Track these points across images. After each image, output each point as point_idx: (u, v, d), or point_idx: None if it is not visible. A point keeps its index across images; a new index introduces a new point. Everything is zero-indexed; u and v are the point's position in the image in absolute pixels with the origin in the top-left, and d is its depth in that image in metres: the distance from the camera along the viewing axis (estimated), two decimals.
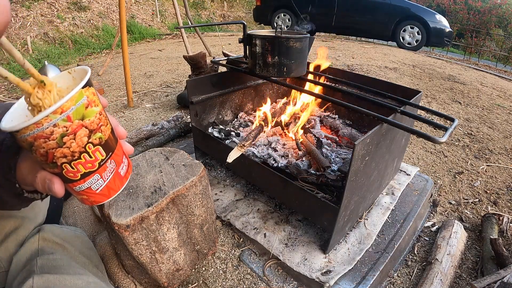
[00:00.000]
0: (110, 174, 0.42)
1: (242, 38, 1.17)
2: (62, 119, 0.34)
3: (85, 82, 0.36)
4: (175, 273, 0.88)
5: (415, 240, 1.22)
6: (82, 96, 0.36)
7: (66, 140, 0.35)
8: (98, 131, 0.38)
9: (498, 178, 1.68)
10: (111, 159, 0.41)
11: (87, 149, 0.37)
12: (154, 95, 2.70)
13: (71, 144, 0.36)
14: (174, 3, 2.92)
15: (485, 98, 2.91)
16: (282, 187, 1.05)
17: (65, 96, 0.34)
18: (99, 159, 0.39)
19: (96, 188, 0.41)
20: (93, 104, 0.37)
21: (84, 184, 0.40)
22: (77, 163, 0.37)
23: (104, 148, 0.40)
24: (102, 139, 0.39)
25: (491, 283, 0.92)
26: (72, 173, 0.38)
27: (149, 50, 4.72)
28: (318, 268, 0.94)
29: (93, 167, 0.39)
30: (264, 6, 6.65)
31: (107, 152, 0.40)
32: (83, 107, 0.36)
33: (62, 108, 0.34)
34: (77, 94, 0.35)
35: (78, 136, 0.36)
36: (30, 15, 4.78)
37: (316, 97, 1.13)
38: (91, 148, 0.38)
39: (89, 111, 0.37)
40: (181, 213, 0.83)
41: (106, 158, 0.41)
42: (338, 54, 4.35)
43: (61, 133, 0.34)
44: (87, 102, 0.36)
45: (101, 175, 0.40)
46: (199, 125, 1.40)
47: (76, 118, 0.35)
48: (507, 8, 9.43)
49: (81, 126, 0.36)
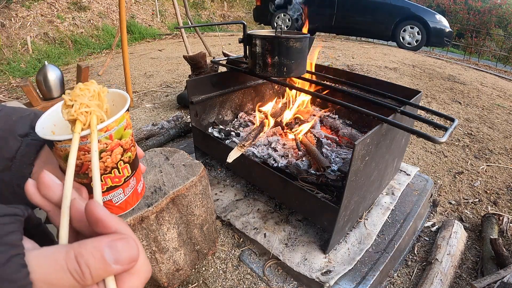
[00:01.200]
0: (130, 190, 0.46)
1: (242, 38, 1.17)
2: (105, 136, 0.38)
3: (127, 107, 0.41)
4: (175, 273, 0.88)
5: (415, 240, 1.22)
6: (123, 119, 0.40)
7: (104, 155, 0.39)
8: (129, 151, 0.43)
9: (498, 178, 1.67)
10: (134, 176, 0.46)
11: (118, 166, 0.41)
12: (154, 95, 2.70)
13: (107, 160, 0.39)
14: (174, 3, 2.92)
15: (485, 98, 2.91)
16: (282, 187, 1.05)
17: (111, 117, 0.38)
18: (125, 176, 0.43)
19: (116, 201, 0.44)
20: (129, 127, 0.42)
21: (107, 196, 0.43)
22: (107, 177, 0.41)
23: (130, 166, 0.44)
24: (131, 158, 0.43)
25: (491, 283, 0.92)
26: None
27: (149, 50, 4.72)
28: (318, 268, 0.94)
29: (119, 182, 0.43)
30: (264, 6, 6.65)
31: (132, 170, 0.45)
32: (122, 128, 0.40)
33: (107, 127, 0.37)
34: (121, 116, 0.39)
35: (114, 153, 0.40)
36: (30, 15, 4.78)
37: (317, 97, 1.13)
38: (122, 165, 0.42)
39: (126, 132, 0.41)
40: (181, 213, 0.83)
41: (131, 175, 0.45)
42: (338, 54, 4.35)
43: (101, 149, 0.38)
44: (126, 125, 0.41)
45: (124, 190, 0.44)
46: (199, 125, 1.40)
47: (116, 137, 0.39)
48: (507, 8, 9.43)
49: (118, 145, 0.40)
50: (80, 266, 0.24)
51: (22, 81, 1.72)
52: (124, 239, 0.26)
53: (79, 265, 0.24)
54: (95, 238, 0.26)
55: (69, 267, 0.23)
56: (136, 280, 0.27)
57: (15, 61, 3.95)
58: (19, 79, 3.47)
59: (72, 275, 0.23)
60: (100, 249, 0.25)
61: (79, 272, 0.23)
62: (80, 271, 0.23)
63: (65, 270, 0.23)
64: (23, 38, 4.39)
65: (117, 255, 0.25)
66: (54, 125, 0.41)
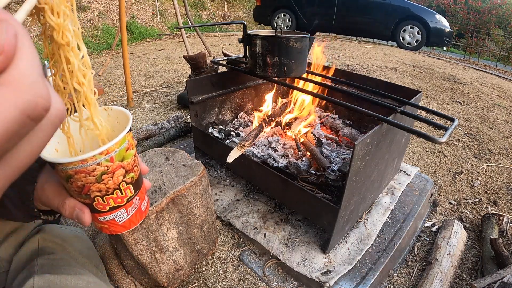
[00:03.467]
0: (134, 209, 0.46)
1: (242, 38, 1.17)
2: (106, 159, 0.37)
3: (129, 128, 0.40)
4: (175, 273, 0.88)
5: (415, 240, 1.22)
6: (125, 141, 0.40)
7: (105, 177, 0.38)
8: (132, 172, 0.42)
9: (498, 178, 1.67)
10: (137, 196, 0.46)
11: (121, 187, 0.41)
12: (154, 95, 2.70)
13: (108, 182, 0.39)
14: (174, 3, 2.92)
15: (485, 98, 2.91)
16: (282, 187, 1.05)
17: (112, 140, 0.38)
18: (128, 196, 0.43)
19: (119, 220, 0.44)
20: (131, 148, 0.42)
21: (110, 215, 0.43)
22: (109, 198, 0.41)
23: (133, 186, 0.44)
24: (134, 179, 0.43)
25: (491, 283, 0.92)
26: (102, 205, 0.41)
27: (149, 50, 4.72)
28: (318, 268, 0.94)
29: (122, 202, 0.43)
30: (264, 6, 6.65)
31: (135, 190, 0.45)
32: (124, 150, 0.40)
33: (108, 150, 0.37)
34: (122, 138, 0.39)
35: (116, 175, 0.40)
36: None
37: (316, 97, 1.13)
38: (124, 186, 0.42)
39: (128, 154, 0.41)
40: (181, 213, 0.83)
41: (134, 195, 0.44)
42: (338, 54, 4.35)
43: (102, 171, 0.38)
44: (128, 146, 0.41)
45: (127, 209, 0.44)
46: (199, 125, 1.40)
47: (117, 159, 0.39)
48: (507, 8, 9.43)
49: (120, 166, 0.40)
50: None
51: None
52: None
53: None
54: None
55: None
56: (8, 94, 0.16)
57: None
58: None
59: None
60: None
61: None
62: None
63: None
64: None
65: None
66: (57, 143, 0.41)
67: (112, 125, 0.44)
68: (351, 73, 1.44)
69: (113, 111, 0.45)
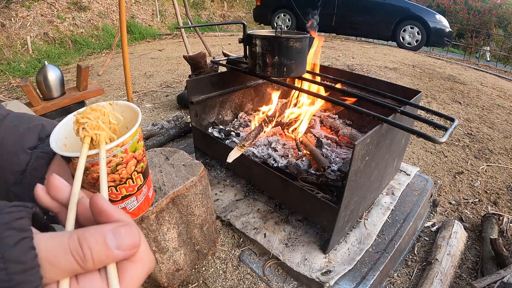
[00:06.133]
0: (143, 197, 0.48)
1: (242, 38, 1.17)
2: (121, 151, 0.40)
3: (140, 121, 0.43)
4: (175, 273, 0.88)
5: (415, 240, 1.22)
6: (137, 133, 0.42)
7: (120, 168, 0.41)
8: (142, 161, 0.45)
9: (498, 178, 1.67)
10: (146, 184, 0.48)
11: (132, 176, 0.44)
12: (154, 95, 2.70)
13: (122, 172, 0.42)
14: (174, 3, 2.92)
15: (485, 98, 2.91)
16: (282, 187, 1.05)
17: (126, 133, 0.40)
18: (138, 184, 0.46)
19: (130, 208, 0.46)
20: (141, 139, 0.44)
21: (122, 204, 0.45)
22: (121, 187, 0.43)
23: (143, 175, 0.46)
24: (143, 168, 0.46)
25: (491, 283, 0.92)
26: (115, 194, 0.43)
27: (149, 50, 4.72)
28: (318, 268, 0.94)
29: (133, 190, 0.45)
30: (264, 6, 6.65)
31: (144, 179, 0.47)
32: (136, 142, 0.42)
33: (123, 142, 0.39)
34: (135, 131, 0.41)
35: (129, 165, 0.42)
36: (30, 15, 4.78)
37: (316, 97, 1.12)
38: (135, 175, 0.44)
39: (139, 145, 0.44)
40: (181, 213, 0.83)
41: (143, 183, 0.47)
42: (338, 54, 4.35)
43: (117, 162, 0.40)
44: (139, 138, 0.43)
45: (137, 197, 0.47)
46: (199, 125, 1.40)
47: (131, 151, 0.42)
48: (507, 8, 9.43)
49: (133, 157, 0.42)
50: (82, 248, 0.24)
51: (22, 81, 1.72)
52: (127, 225, 0.27)
53: (81, 247, 0.24)
54: (99, 225, 0.26)
55: (71, 248, 0.24)
56: (138, 269, 0.27)
57: (15, 61, 3.95)
58: (19, 79, 3.47)
59: (73, 256, 0.23)
60: (103, 233, 0.25)
61: (81, 254, 0.24)
62: (82, 253, 0.24)
63: (67, 251, 0.23)
64: (23, 38, 4.39)
65: (120, 240, 0.25)
66: (65, 138, 0.43)
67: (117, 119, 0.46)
68: (351, 73, 1.44)
69: (118, 105, 0.46)
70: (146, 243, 0.29)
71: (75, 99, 1.81)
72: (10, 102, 0.99)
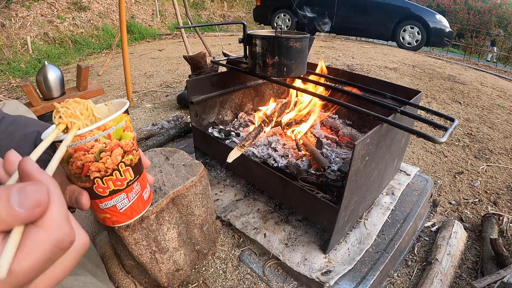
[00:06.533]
0: (135, 195, 0.45)
1: (242, 38, 1.17)
2: (104, 135, 0.38)
3: (125, 109, 0.42)
4: (175, 273, 0.88)
5: (415, 240, 1.22)
6: (122, 120, 0.40)
7: (103, 155, 0.39)
8: (130, 154, 0.42)
9: (498, 178, 1.67)
10: (137, 181, 0.45)
11: (120, 168, 0.41)
12: (154, 95, 2.70)
13: (107, 160, 0.39)
14: (174, 3, 2.92)
15: (485, 98, 2.91)
16: (282, 187, 1.05)
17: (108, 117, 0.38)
18: (128, 179, 0.43)
19: (120, 207, 0.44)
20: (129, 130, 0.42)
21: (111, 201, 0.42)
22: (108, 179, 0.41)
23: (133, 170, 0.43)
24: (133, 162, 0.43)
25: (491, 283, 0.92)
26: (102, 188, 0.41)
27: (149, 50, 4.72)
28: (318, 268, 0.94)
29: (122, 185, 0.42)
30: (264, 6, 6.65)
31: (135, 175, 0.44)
32: (121, 129, 0.40)
33: (105, 126, 0.38)
34: (118, 116, 0.40)
35: (114, 154, 0.40)
36: (30, 15, 4.78)
37: (316, 97, 1.13)
38: (123, 167, 0.42)
39: (126, 134, 0.41)
40: (181, 213, 0.83)
41: (134, 180, 0.44)
42: (338, 54, 4.35)
43: (100, 149, 0.38)
44: (125, 126, 0.41)
45: (127, 195, 0.44)
46: (199, 125, 1.40)
47: (115, 137, 0.39)
48: (507, 8, 9.43)
49: (118, 145, 0.40)
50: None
51: (22, 81, 1.72)
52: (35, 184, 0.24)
53: None
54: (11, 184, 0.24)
55: None
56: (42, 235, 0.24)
57: (15, 61, 3.95)
58: (19, 79, 3.47)
59: None
60: (10, 191, 0.23)
61: None
62: None
63: None
64: (23, 38, 4.39)
65: (23, 198, 0.23)
66: (58, 129, 0.42)
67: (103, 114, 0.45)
68: (351, 73, 1.44)
69: (113, 104, 0.46)
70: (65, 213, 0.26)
71: None
72: (8, 101, 0.99)
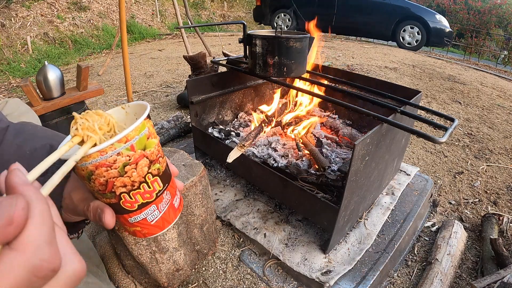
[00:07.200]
0: (165, 205, 0.42)
1: (242, 38, 1.17)
2: (126, 148, 0.34)
3: (147, 114, 0.38)
4: (175, 273, 0.88)
5: (415, 240, 1.22)
6: (144, 127, 0.37)
7: (128, 169, 0.35)
8: (157, 162, 0.39)
9: (498, 178, 1.67)
10: (167, 190, 0.42)
11: (147, 179, 0.38)
12: (154, 95, 2.70)
13: (132, 174, 0.36)
14: (174, 3, 2.92)
15: (485, 98, 2.91)
16: (282, 187, 1.05)
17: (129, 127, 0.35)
18: (156, 190, 0.39)
19: (151, 219, 0.41)
20: (152, 136, 0.38)
21: (140, 215, 0.39)
22: (135, 193, 0.37)
23: (161, 179, 0.40)
24: (160, 170, 0.39)
25: (491, 283, 0.92)
26: (129, 203, 0.38)
27: (149, 50, 4.72)
28: (318, 268, 0.94)
29: (151, 197, 0.39)
30: (264, 6, 6.65)
31: (164, 183, 0.41)
32: (145, 138, 0.37)
33: (127, 137, 0.34)
34: (140, 124, 0.36)
35: (140, 166, 0.36)
36: (30, 15, 4.78)
37: (316, 97, 1.13)
38: (150, 178, 0.38)
39: (150, 142, 0.37)
40: (181, 213, 0.83)
41: (163, 189, 0.41)
42: (338, 54, 4.35)
43: (124, 162, 0.35)
44: (148, 133, 0.37)
45: (157, 206, 0.40)
46: (199, 125, 1.40)
47: (139, 148, 0.36)
48: (507, 8, 9.42)
49: (143, 156, 0.36)
50: None
51: (22, 81, 1.72)
52: (11, 197, 0.21)
53: None
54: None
55: None
56: (16, 259, 0.20)
57: (15, 61, 3.95)
58: (19, 79, 3.47)
59: None
60: None
61: None
62: None
63: None
64: (23, 38, 4.39)
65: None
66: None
67: (131, 122, 0.42)
68: (351, 73, 1.44)
69: (130, 107, 0.43)
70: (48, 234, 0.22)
71: (75, 99, 1.81)
72: (10, 100, 0.98)
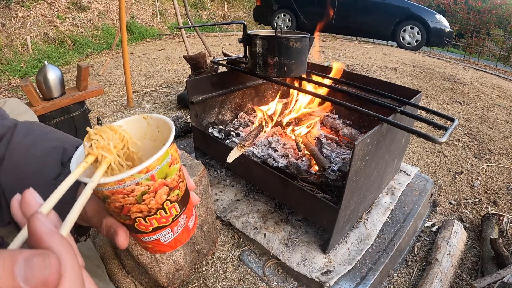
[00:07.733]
0: (180, 228, 0.41)
1: (242, 38, 1.17)
2: (146, 178, 0.33)
3: (171, 140, 0.36)
4: (175, 273, 0.88)
5: (415, 240, 1.22)
6: (167, 156, 0.35)
7: (146, 197, 0.34)
8: (177, 188, 0.38)
9: (498, 178, 1.67)
10: (183, 213, 0.41)
11: (165, 206, 0.37)
12: (154, 95, 2.70)
13: (150, 202, 0.35)
14: (174, 3, 2.92)
15: (485, 98, 2.91)
16: (282, 187, 1.05)
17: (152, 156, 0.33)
18: (173, 215, 0.39)
19: (164, 240, 0.40)
20: (175, 162, 0.37)
21: (154, 236, 0.39)
22: (151, 218, 0.37)
23: (179, 204, 0.39)
24: (179, 196, 0.39)
25: (491, 283, 0.92)
26: (144, 226, 0.37)
27: (149, 50, 4.72)
28: (318, 268, 0.94)
29: (167, 222, 0.38)
30: (264, 6, 6.65)
31: (181, 208, 0.40)
32: (167, 166, 0.35)
33: (148, 167, 0.33)
34: (164, 153, 0.34)
35: (159, 194, 0.35)
36: (30, 15, 4.78)
37: (316, 97, 1.13)
38: (168, 205, 0.37)
39: (172, 169, 0.36)
40: None
41: (180, 214, 0.40)
42: (338, 54, 4.35)
43: (143, 191, 0.34)
44: (171, 161, 0.36)
45: (172, 229, 0.40)
46: (199, 125, 1.40)
47: (160, 177, 0.34)
48: (507, 8, 9.42)
49: (163, 185, 0.35)
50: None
51: (22, 81, 1.72)
52: (43, 255, 0.21)
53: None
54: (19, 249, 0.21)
55: None
56: None
57: (15, 61, 3.95)
58: (19, 79, 3.47)
59: None
60: (15, 259, 0.20)
61: None
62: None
63: None
64: (23, 38, 4.39)
65: (28, 272, 0.20)
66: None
67: (152, 135, 0.41)
68: (351, 73, 1.44)
69: (153, 119, 0.41)
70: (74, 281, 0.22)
71: (75, 99, 1.81)
72: (9, 100, 0.98)
